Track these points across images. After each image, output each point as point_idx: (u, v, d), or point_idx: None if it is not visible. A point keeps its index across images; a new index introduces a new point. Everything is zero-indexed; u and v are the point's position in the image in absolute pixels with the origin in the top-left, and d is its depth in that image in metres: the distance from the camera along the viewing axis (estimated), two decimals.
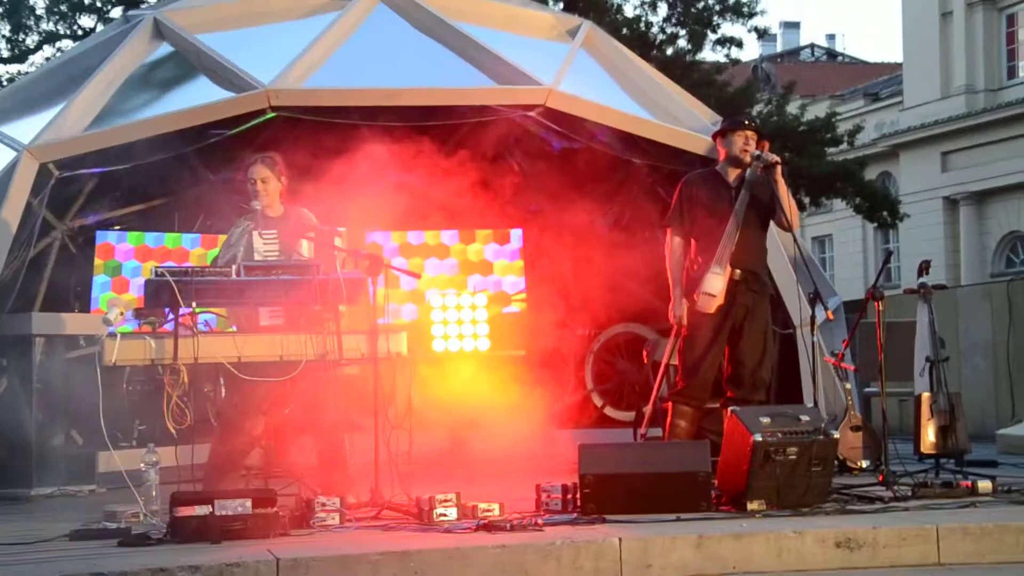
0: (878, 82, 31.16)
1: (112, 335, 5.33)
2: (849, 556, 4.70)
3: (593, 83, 7.92)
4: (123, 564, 4.21)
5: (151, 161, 7.23)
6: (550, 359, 8.72)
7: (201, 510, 4.73)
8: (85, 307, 7.88)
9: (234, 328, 5.87)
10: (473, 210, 8.38)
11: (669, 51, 16.78)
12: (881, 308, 6.61)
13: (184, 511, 4.74)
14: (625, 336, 9.14)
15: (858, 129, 18.82)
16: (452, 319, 8.16)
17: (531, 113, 7.54)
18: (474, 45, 7.63)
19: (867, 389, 8.61)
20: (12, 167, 6.79)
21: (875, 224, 21.73)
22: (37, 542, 4.81)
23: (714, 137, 6.60)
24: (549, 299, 9.03)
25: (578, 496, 5.29)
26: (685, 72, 15.30)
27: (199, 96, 7.22)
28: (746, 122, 6.38)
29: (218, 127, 7.27)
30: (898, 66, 29.47)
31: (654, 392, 6.59)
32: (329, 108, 7.34)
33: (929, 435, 7.06)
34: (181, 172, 8.05)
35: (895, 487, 5.75)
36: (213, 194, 8.03)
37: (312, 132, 7.67)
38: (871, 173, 22.20)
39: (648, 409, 6.61)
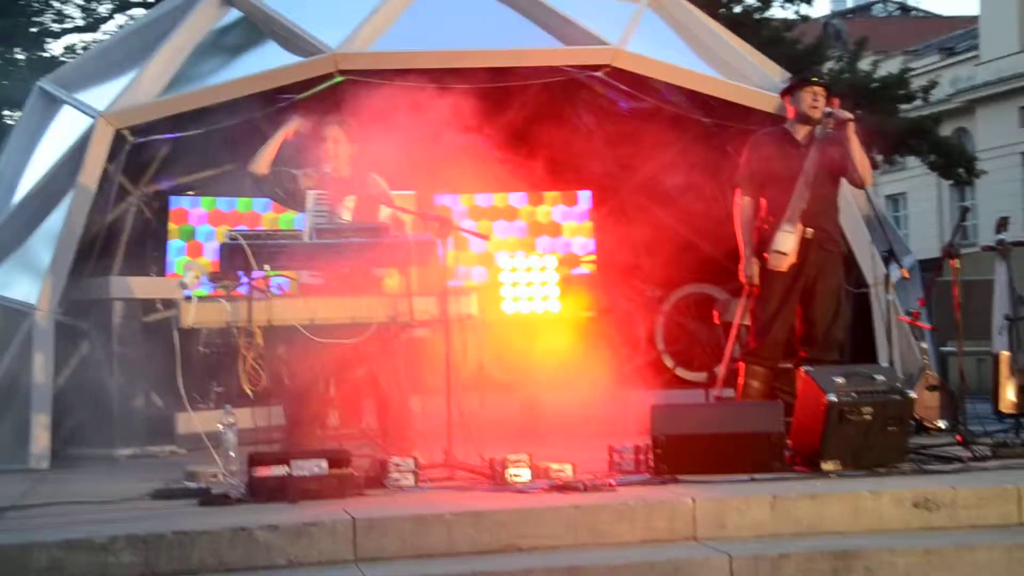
0: (953, 36, 30.37)
1: (188, 298, 5.41)
2: (927, 516, 4.63)
3: (660, 42, 7.82)
4: (205, 523, 4.29)
5: (222, 126, 7.29)
6: (620, 320, 8.69)
7: (278, 471, 4.80)
8: (161, 271, 8.02)
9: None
10: (541, 172, 8.35)
11: (737, 9, 16.53)
12: (957, 266, 6.48)
13: (262, 471, 4.81)
14: (696, 296, 9.08)
15: (932, 84, 18.42)
16: (522, 281, 8.17)
17: (598, 73, 7.48)
18: (540, 6, 7.56)
19: (943, 348, 8.47)
20: (88, 134, 6.90)
21: (951, 181, 21.28)
22: (121, 500, 4.92)
23: (782, 95, 6.49)
24: (618, 260, 8.99)
25: (651, 457, 5.27)
26: (754, 30, 15.07)
27: (268, 61, 7.27)
28: (814, 78, 6.27)
29: (287, 92, 7.32)
30: (974, 19, 28.68)
31: (727, 353, 6.54)
32: (396, 71, 7.34)
33: (1009, 394, 6.92)
34: (251, 137, 8.10)
35: (974, 447, 5.67)
36: (282, 158, 8.08)
37: (379, 96, 7.67)
38: (946, 129, 21.73)
39: (721, 370, 6.56)
